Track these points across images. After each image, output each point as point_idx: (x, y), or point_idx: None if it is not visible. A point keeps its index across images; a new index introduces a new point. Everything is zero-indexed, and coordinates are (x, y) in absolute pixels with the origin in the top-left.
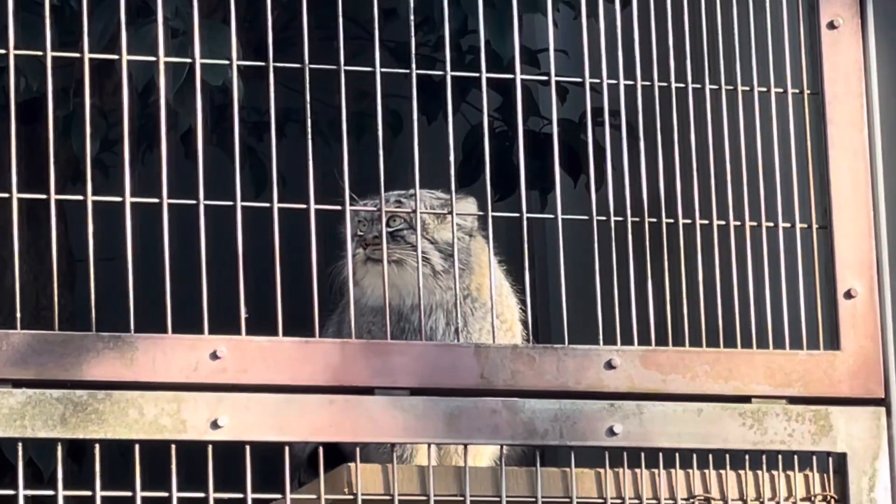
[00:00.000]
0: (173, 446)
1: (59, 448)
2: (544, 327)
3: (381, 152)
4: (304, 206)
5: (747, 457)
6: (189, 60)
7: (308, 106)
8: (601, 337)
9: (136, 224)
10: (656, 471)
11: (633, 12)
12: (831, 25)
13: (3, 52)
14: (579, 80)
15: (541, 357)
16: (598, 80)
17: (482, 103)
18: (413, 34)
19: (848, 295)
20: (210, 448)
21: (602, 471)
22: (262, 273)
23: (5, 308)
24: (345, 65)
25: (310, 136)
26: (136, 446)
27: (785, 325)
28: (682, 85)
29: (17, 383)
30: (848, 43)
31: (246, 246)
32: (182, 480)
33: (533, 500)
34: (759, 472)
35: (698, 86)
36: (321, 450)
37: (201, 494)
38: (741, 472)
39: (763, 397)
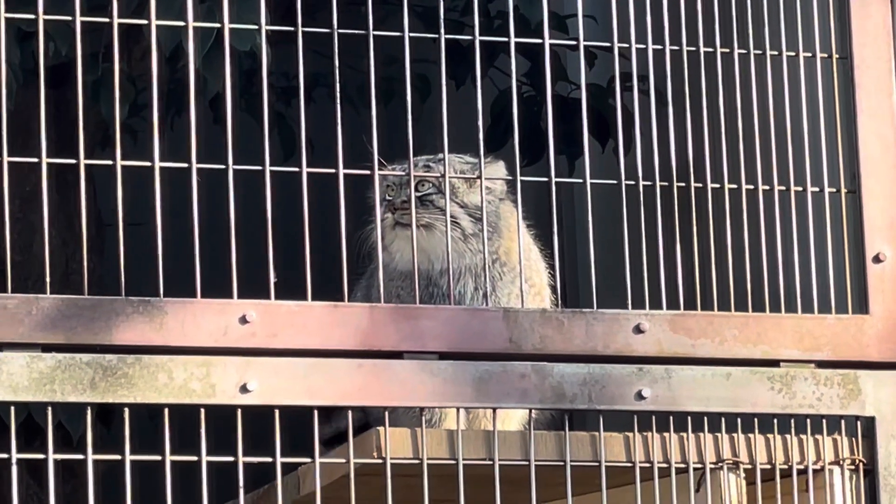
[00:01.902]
0: (202, 410)
1: (89, 412)
2: (573, 292)
3: (409, 117)
4: (332, 170)
5: (776, 421)
6: (217, 25)
7: (337, 71)
8: (630, 301)
9: (165, 189)
10: (685, 435)
11: None
12: None
13: (32, 16)
14: (608, 44)
15: (570, 321)
16: (626, 45)
17: (510, 68)
18: None
19: (877, 259)
20: (239, 412)
21: (631, 435)
22: (291, 238)
23: (34, 273)
24: (373, 30)
25: (339, 101)
26: (166, 410)
27: (813, 289)
28: (710, 49)
29: (47, 348)
30: (876, 7)
31: (275, 211)
32: (211, 445)
33: (561, 464)
34: (788, 436)
35: (727, 50)
36: (350, 413)
37: (230, 458)
38: (770, 436)
39: (792, 361)
